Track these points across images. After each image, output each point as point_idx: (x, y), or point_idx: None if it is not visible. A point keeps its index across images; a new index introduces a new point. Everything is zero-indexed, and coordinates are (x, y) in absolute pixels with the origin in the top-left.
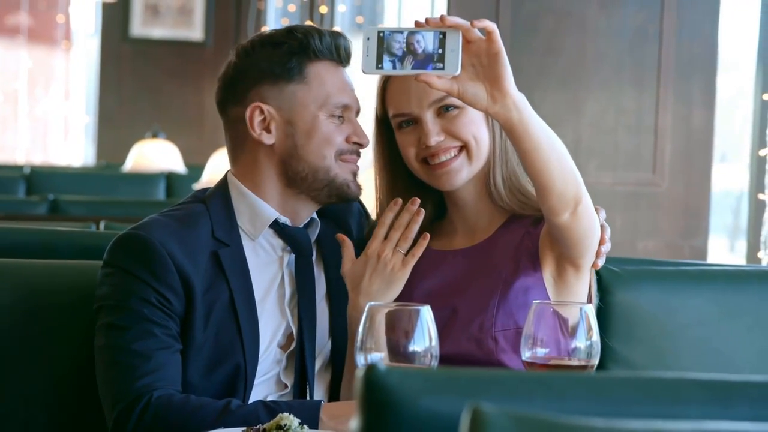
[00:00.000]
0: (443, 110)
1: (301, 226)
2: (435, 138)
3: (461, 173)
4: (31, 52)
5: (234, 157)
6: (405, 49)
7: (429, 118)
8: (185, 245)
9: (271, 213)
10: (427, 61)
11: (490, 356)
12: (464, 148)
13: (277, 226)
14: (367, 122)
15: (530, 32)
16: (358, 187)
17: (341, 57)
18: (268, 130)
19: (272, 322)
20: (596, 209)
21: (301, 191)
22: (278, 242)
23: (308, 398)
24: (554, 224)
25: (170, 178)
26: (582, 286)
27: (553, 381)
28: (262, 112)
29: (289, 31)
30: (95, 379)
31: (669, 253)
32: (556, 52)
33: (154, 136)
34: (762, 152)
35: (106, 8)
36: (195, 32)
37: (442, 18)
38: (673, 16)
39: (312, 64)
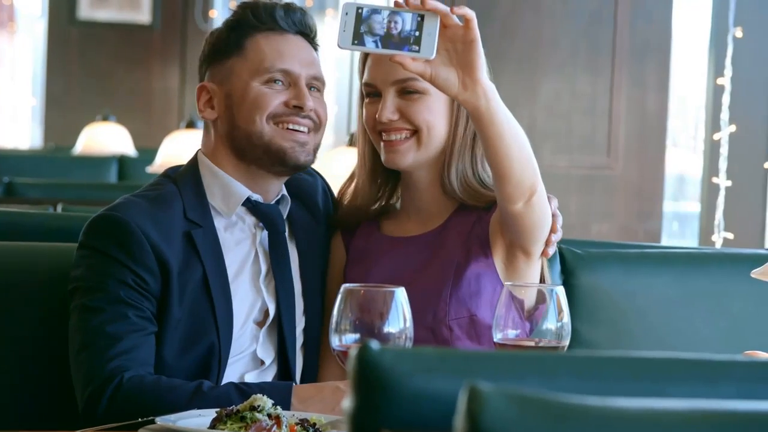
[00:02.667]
0: (405, 92)
1: (273, 202)
2: (387, 115)
3: (407, 156)
4: None
5: (202, 139)
6: (382, 28)
7: (390, 95)
8: (160, 226)
9: (243, 191)
10: (403, 42)
11: (445, 345)
12: (416, 133)
13: (249, 204)
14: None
15: (486, 15)
16: (304, 153)
17: (288, 26)
18: (211, 106)
19: (247, 299)
20: (549, 198)
21: (250, 162)
22: (251, 219)
23: (290, 374)
24: (508, 212)
25: (122, 161)
26: (533, 273)
27: (545, 360)
28: (208, 91)
29: (237, 8)
30: (63, 361)
31: (623, 235)
32: (511, 36)
33: (105, 119)
34: (716, 136)
35: None
36: (142, 15)
37: (422, 1)
38: (627, 1)
39: (252, 37)
